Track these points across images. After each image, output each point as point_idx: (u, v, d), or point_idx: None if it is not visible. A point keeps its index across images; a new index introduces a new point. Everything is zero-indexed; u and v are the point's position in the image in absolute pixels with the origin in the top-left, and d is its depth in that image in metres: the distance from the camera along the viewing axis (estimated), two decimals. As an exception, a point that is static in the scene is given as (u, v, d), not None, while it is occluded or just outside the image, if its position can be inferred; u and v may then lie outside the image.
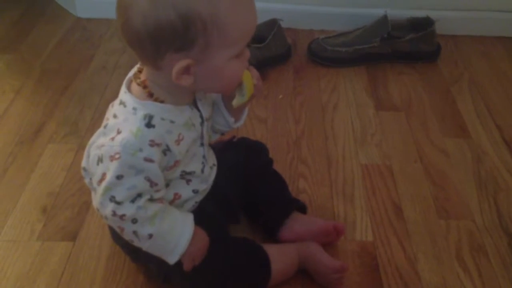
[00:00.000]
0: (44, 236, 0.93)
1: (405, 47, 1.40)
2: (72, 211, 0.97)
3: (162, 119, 0.68)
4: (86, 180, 0.78)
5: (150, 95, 0.69)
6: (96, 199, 0.71)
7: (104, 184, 0.68)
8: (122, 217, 0.69)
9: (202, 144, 0.77)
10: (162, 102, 0.69)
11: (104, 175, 0.68)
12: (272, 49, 1.37)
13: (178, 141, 0.70)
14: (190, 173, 0.76)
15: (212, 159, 0.84)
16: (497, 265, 0.90)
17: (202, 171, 0.79)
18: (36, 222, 0.95)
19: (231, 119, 0.83)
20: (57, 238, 0.92)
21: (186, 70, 0.64)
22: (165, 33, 0.60)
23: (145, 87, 0.69)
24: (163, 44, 0.62)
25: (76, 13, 1.59)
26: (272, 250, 0.83)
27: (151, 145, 0.67)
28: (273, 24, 1.37)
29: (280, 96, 1.30)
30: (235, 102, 0.76)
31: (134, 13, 0.61)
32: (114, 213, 0.69)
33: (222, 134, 0.87)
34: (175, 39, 0.61)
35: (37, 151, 1.10)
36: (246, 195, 0.90)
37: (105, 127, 0.70)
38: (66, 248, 0.91)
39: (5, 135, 1.15)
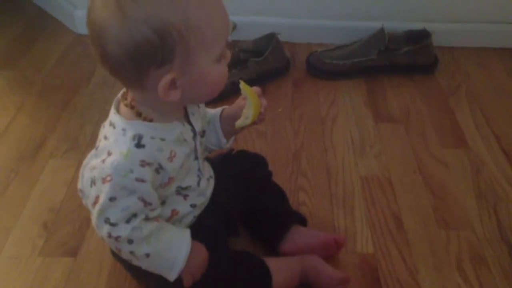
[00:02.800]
0: (45, 252, 0.93)
1: (402, 60, 1.41)
2: (73, 227, 0.98)
3: (152, 138, 0.69)
4: (84, 201, 0.77)
5: (139, 115, 0.70)
6: (92, 220, 0.71)
7: (98, 206, 0.68)
8: (117, 238, 0.69)
9: (196, 158, 0.78)
10: (151, 120, 0.69)
11: (97, 197, 0.68)
12: (270, 63, 1.38)
13: (170, 158, 0.71)
14: (186, 188, 0.77)
15: (208, 172, 0.84)
16: (498, 276, 0.90)
17: (198, 184, 0.79)
18: (37, 238, 0.95)
19: (224, 140, 0.84)
20: (58, 254, 0.92)
21: (172, 84, 0.65)
22: (144, 50, 0.60)
23: (132, 107, 0.70)
24: (144, 62, 0.62)
25: (76, 29, 1.61)
26: (273, 263, 0.83)
27: (142, 165, 0.67)
28: (271, 38, 1.38)
29: (279, 109, 1.31)
30: (239, 123, 0.77)
31: (108, 40, 0.61)
32: (109, 235, 0.69)
33: (209, 152, 0.88)
34: (155, 54, 0.61)
35: (38, 167, 1.11)
36: (246, 208, 0.90)
37: (96, 148, 0.70)
38: (67, 264, 0.91)
39: (7, 151, 1.16)
